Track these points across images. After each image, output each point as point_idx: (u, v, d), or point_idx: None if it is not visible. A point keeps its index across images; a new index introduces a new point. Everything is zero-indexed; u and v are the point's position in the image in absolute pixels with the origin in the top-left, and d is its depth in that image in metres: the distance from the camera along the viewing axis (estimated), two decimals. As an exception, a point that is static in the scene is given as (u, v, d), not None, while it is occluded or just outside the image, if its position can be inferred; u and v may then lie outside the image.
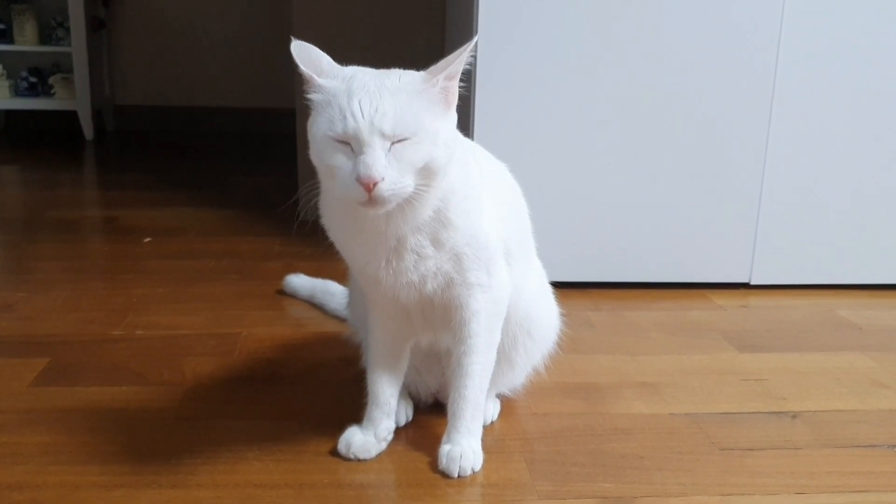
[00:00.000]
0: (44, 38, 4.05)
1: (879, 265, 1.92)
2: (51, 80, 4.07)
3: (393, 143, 0.93)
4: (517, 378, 1.28)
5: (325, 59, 1.00)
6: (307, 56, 0.98)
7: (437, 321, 1.14)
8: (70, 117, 4.04)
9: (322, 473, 1.10)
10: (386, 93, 0.94)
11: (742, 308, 1.81)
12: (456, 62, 0.97)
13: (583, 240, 1.85)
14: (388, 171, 0.93)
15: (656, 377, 1.44)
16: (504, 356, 1.22)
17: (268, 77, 4.22)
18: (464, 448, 1.11)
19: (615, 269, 1.88)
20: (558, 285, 1.86)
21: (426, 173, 0.97)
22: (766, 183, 1.85)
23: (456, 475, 1.10)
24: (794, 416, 1.31)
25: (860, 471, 1.15)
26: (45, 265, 2.04)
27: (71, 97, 4.01)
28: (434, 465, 1.12)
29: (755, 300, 1.87)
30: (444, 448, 1.12)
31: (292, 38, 0.99)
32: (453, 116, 1.01)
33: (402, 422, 1.23)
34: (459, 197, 1.05)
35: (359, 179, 0.92)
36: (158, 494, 1.04)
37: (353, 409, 1.21)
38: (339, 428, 1.18)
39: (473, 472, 1.11)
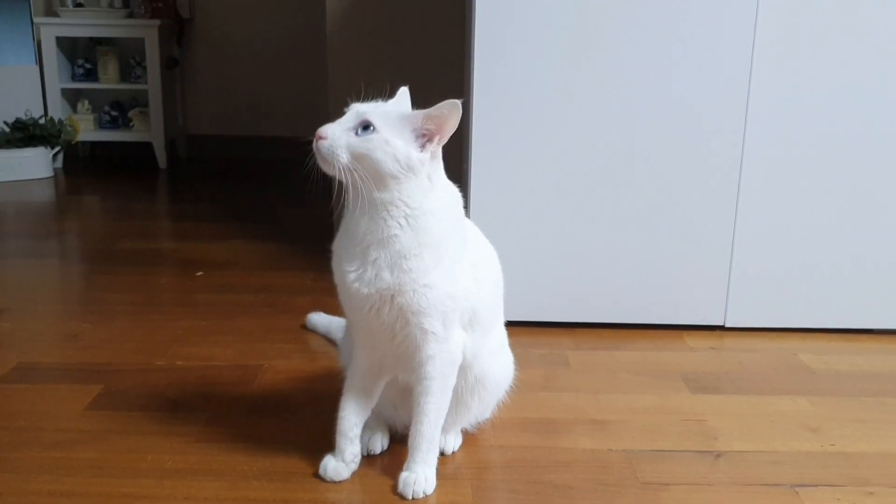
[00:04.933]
0: (124, 75, 4.47)
1: (848, 309, 2.08)
2: (130, 113, 4.49)
3: (358, 128, 1.24)
4: (473, 419, 1.51)
5: None
6: None
7: (403, 360, 1.37)
8: (147, 147, 4.44)
9: (305, 492, 1.36)
10: (381, 101, 1.28)
11: (711, 350, 2.00)
12: (436, 110, 1.24)
13: (569, 282, 2.07)
14: (335, 136, 1.24)
15: (608, 415, 1.65)
16: (462, 402, 1.45)
17: (322, 107, 4.54)
18: (418, 475, 1.35)
19: (599, 311, 2.09)
20: (545, 325, 2.11)
21: (364, 163, 1.24)
22: (737, 230, 2.02)
23: (410, 497, 1.34)
24: (718, 455, 1.50)
25: (756, 506, 1.34)
26: (111, 297, 2.36)
27: (147, 129, 4.41)
28: (396, 488, 1.37)
29: (727, 342, 2.05)
30: (403, 475, 1.37)
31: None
32: (423, 157, 1.26)
33: (378, 450, 1.49)
34: (432, 244, 1.28)
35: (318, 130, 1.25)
36: (173, 505, 1.32)
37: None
38: (328, 452, 1.44)
39: (425, 496, 1.34)
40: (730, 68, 1.94)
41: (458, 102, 1.23)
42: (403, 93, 1.37)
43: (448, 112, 1.24)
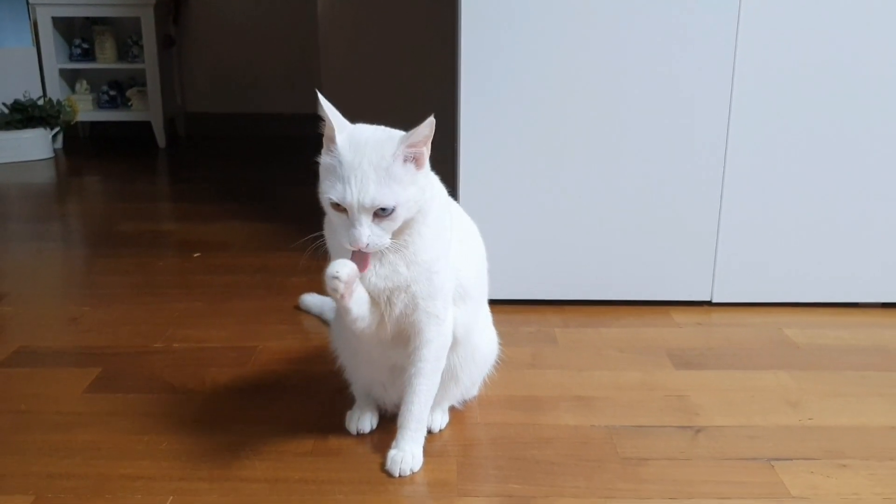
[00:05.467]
0: (121, 55, 4.48)
1: (834, 284, 2.11)
2: (128, 93, 4.51)
3: (376, 213, 1.24)
4: (461, 393, 1.56)
5: (337, 113, 1.30)
6: (331, 108, 1.28)
7: (400, 344, 1.42)
8: (146, 126, 4.47)
9: (295, 471, 1.40)
10: (371, 173, 1.23)
11: (697, 326, 2.03)
12: (414, 134, 1.24)
13: (558, 260, 2.10)
14: (372, 237, 1.25)
15: (593, 392, 1.69)
16: (453, 375, 1.50)
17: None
18: (405, 453, 1.40)
19: (587, 288, 2.13)
20: (535, 303, 2.15)
21: (402, 224, 1.28)
22: (724, 206, 2.05)
23: (398, 475, 1.38)
24: (698, 430, 1.54)
25: (733, 480, 1.38)
26: (110, 279, 2.41)
27: (146, 108, 4.43)
28: (384, 465, 1.41)
29: (714, 318, 2.09)
30: (391, 452, 1.41)
31: (318, 92, 1.30)
32: (425, 171, 1.30)
33: (367, 429, 1.53)
34: (431, 233, 1.33)
35: (351, 244, 1.25)
36: (168, 485, 1.36)
37: (333, 415, 1.54)
38: (319, 432, 1.51)
39: (412, 473, 1.39)
40: (714, 47, 1.95)
41: (433, 119, 1.24)
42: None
43: (428, 131, 1.25)
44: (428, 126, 1.24)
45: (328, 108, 1.28)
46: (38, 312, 2.15)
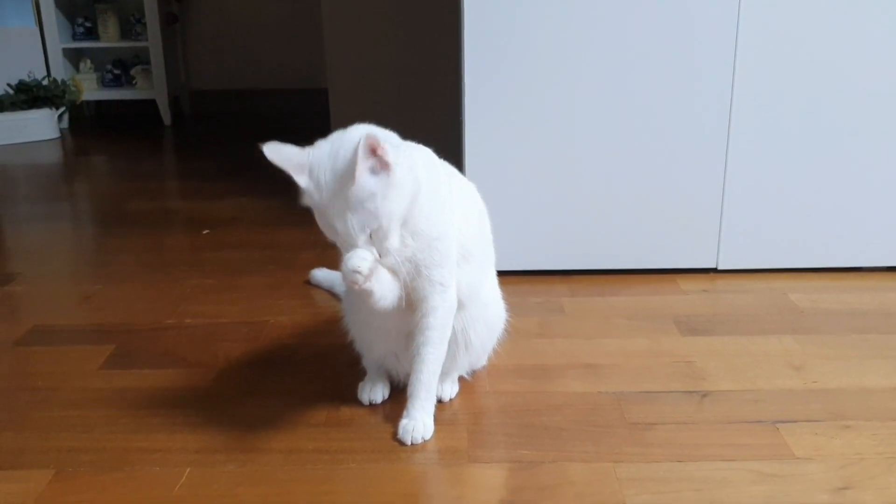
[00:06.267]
0: (125, 33, 4.48)
1: (838, 249, 2.12)
2: (132, 71, 4.52)
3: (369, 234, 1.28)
4: (473, 359, 1.58)
5: (291, 150, 1.31)
6: (281, 156, 1.30)
7: (407, 313, 1.44)
8: (151, 104, 4.48)
9: (309, 441, 1.43)
10: (347, 212, 1.25)
11: (703, 293, 2.05)
12: (363, 149, 1.22)
13: (564, 230, 2.11)
14: (372, 259, 1.29)
15: (600, 359, 1.71)
16: (464, 338, 1.52)
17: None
18: (417, 422, 1.43)
19: (594, 257, 2.14)
20: (542, 273, 2.17)
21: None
22: (728, 174, 2.05)
23: (409, 443, 1.41)
24: (704, 395, 1.57)
25: (739, 443, 1.40)
26: (120, 258, 2.43)
27: (150, 87, 4.44)
28: (396, 434, 1.44)
29: (720, 284, 2.10)
30: (402, 422, 1.44)
31: (263, 147, 1.30)
32: (398, 165, 1.27)
33: (379, 400, 1.55)
34: (429, 204, 1.35)
35: (354, 271, 1.29)
36: (185, 457, 1.39)
37: (345, 387, 1.57)
38: (331, 403, 1.54)
39: (424, 441, 1.42)
40: (717, 14, 1.94)
41: (365, 136, 1.22)
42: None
43: (365, 152, 1.23)
44: (363, 148, 1.21)
45: (277, 159, 1.29)
46: (51, 291, 2.18)
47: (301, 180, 1.29)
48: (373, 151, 1.24)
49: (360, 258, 1.29)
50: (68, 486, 1.31)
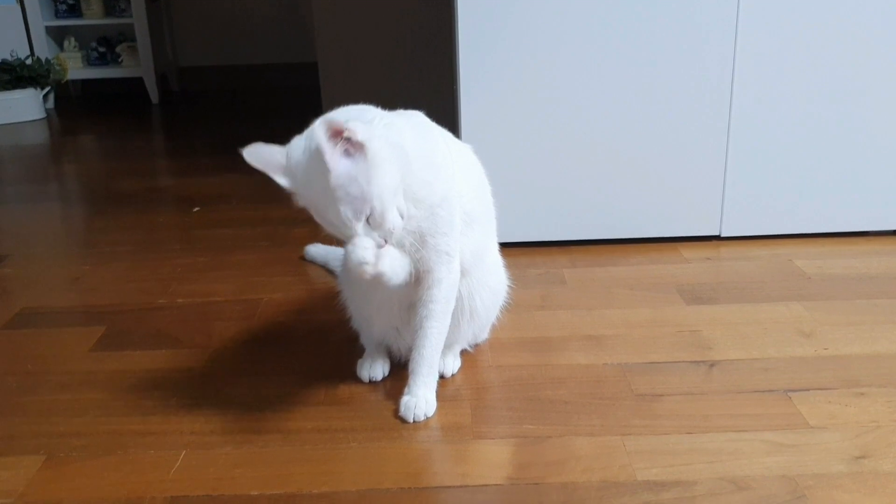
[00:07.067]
0: (109, 10, 4.39)
1: (843, 213, 2.08)
2: (118, 49, 4.43)
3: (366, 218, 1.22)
4: (477, 329, 1.54)
5: (270, 151, 1.25)
6: (261, 160, 1.24)
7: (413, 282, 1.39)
8: (138, 82, 4.39)
9: (308, 420, 1.39)
10: (337, 203, 1.19)
11: (706, 261, 2.01)
12: (319, 151, 1.16)
13: (564, 200, 2.07)
14: (373, 245, 1.24)
15: (603, 330, 1.67)
16: (470, 305, 1.47)
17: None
18: (419, 398, 1.39)
19: (595, 227, 2.09)
20: (542, 244, 2.12)
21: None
22: (731, 139, 2.01)
23: (412, 420, 1.37)
24: (712, 364, 1.53)
25: (750, 413, 1.37)
26: (109, 238, 2.37)
27: (137, 64, 4.36)
28: (398, 412, 1.40)
29: (723, 252, 2.06)
30: (404, 398, 1.40)
31: (243, 152, 1.24)
32: (372, 137, 1.20)
33: (380, 377, 1.51)
34: (427, 171, 1.29)
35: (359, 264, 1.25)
36: (180, 439, 1.35)
37: (344, 365, 1.53)
38: (330, 381, 1.49)
39: (427, 418, 1.38)
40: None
41: (320, 127, 1.16)
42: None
43: (327, 126, 1.17)
44: (324, 135, 1.16)
45: (257, 163, 1.24)
46: (40, 273, 2.13)
47: (282, 181, 1.25)
48: (337, 134, 1.18)
49: (362, 249, 1.24)
50: (60, 472, 1.27)
